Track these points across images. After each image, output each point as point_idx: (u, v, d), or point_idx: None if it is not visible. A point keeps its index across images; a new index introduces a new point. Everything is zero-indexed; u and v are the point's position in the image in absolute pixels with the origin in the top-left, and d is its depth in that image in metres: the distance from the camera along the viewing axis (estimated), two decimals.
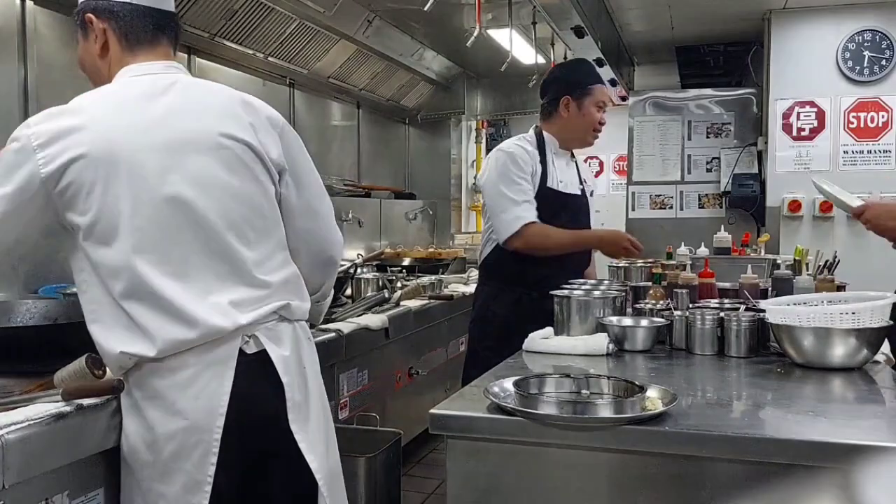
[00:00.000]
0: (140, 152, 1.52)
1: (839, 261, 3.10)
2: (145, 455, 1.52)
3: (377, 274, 4.17)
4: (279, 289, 1.62)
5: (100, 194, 1.49)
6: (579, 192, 2.95)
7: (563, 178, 2.90)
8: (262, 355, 1.57)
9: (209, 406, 1.50)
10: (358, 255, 4.83)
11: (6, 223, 1.49)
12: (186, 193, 1.53)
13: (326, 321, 2.70)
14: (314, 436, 1.63)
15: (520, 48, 5.07)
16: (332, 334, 2.66)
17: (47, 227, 1.55)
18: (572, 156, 3.03)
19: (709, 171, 5.69)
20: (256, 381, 1.56)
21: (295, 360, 1.62)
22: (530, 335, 2.24)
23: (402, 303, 3.40)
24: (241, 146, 1.60)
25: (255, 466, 1.58)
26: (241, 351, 1.55)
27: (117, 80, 1.64)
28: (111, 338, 1.51)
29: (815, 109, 5.04)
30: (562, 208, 2.84)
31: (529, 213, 2.74)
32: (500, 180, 2.77)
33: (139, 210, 1.50)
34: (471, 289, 3.56)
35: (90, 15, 1.65)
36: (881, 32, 4.92)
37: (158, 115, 1.56)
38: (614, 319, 2.28)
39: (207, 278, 1.53)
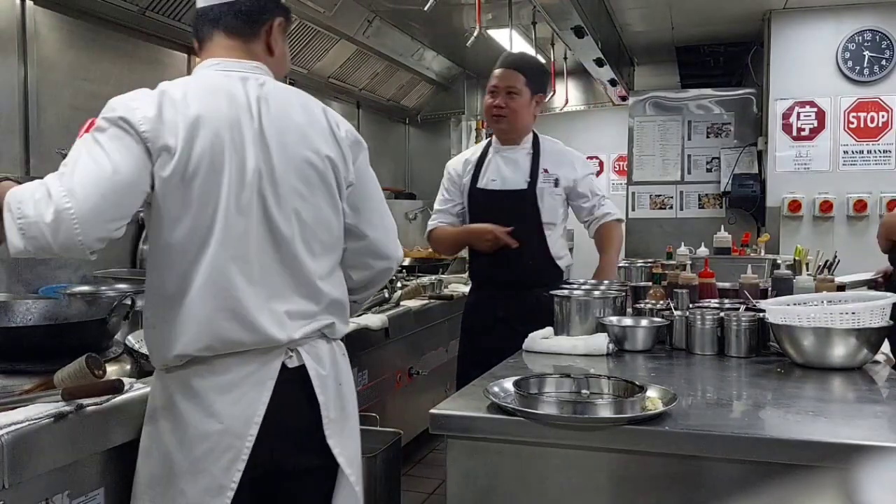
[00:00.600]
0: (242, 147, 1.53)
1: (839, 261, 3.10)
2: (174, 451, 1.52)
3: None
4: (329, 306, 1.63)
5: (203, 179, 1.48)
6: (524, 187, 2.84)
7: (502, 175, 2.88)
8: (302, 371, 1.59)
9: (246, 413, 1.52)
10: None
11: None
12: (272, 197, 1.54)
13: None
14: (352, 451, 1.67)
15: (520, 48, 5.07)
16: None
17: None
18: (535, 149, 2.92)
19: (709, 171, 5.69)
20: (294, 395, 1.58)
21: (332, 377, 1.64)
22: (530, 335, 2.24)
23: (402, 303, 3.40)
24: (324, 162, 1.62)
25: (286, 477, 1.60)
26: (283, 364, 1.56)
27: (194, 71, 1.66)
28: (169, 339, 1.51)
29: (815, 109, 5.04)
30: (493, 205, 2.85)
31: (436, 221, 2.98)
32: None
33: (230, 201, 1.50)
34: None
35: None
36: (881, 32, 4.92)
37: (256, 111, 1.56)
38: (614, 319, 2.28)
39: (272, 284, 1.55)
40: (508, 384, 1.63)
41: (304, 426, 1.59)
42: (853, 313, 1.93)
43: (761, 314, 2.15)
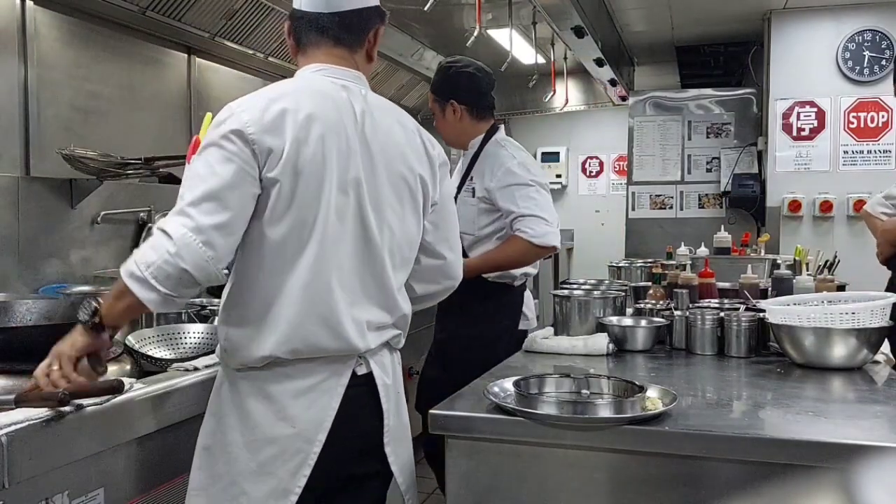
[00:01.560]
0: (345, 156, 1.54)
1: (839, 261, 3.10)
2: (240, 452, 1.52)
3: None
4: (400, 318, 1.66)
5: (308, 180, 1.49)
6: (455, 194, 2.74)
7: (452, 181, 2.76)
8: (369, 379, 1.60)
9: (317, 418, 1.53)
10: None
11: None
12: (368, 207, 1.56)
13: None
14: (404, 459, 1.68)
15: (520, 48, 5.07)
16: None
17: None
18: (475, 155, 2.80)
19: (709, 171, 5.70)
20: (361, 402, 1.59)
21: (394, 386, 1.67)
22: (530, 335, 2.24)
23: None
24: (416, 180, 1.65)
25: (345, 484, 1.61)
26: (353, 371, 1.58)
27: (297, 74, 1.67)
28: (256, 339, 1.50)
29: (815, 109, 5.04)
30: None
31: None
32: None
33: (330, 207, 1.51)
34: None
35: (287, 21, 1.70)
36: (881, 32, 4.92)
37: (360, 120, 1.58)
38: (614, 319, 2.28)
39: (358, 292, 1.56)
40: (508, 384, 1.63)
41: (367, 433, 1.61)
42: (853, 313, 1.93)
43: (761, 314, 2.15)
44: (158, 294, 1.39)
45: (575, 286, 2.82)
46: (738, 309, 2.26)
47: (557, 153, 7.75)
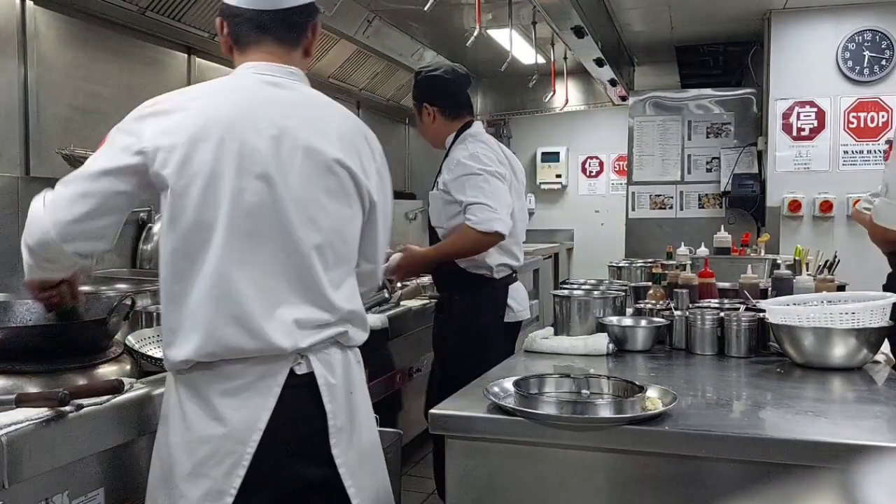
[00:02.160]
0: (255, 150, 1.52)
1: (839, 261, 3.10)
2: (179, 453, 1.52)
3: None
4: (344, 316, 1.61)
5: (206, 178, 1.49)
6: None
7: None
8: (311, 378, 1.56)
9: (249, 419, 1.50)
10: None
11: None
12: (287, 203, 1.52)
13: None
14: (356, 462, 1.62)
15: (520, 48, 5.07)
16: None
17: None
18: (448, 152, 2.89)
19: (709, 171, 5.69)
20: (301, 402, 1.55)
21: (343, 386, 1.61)
22: (530, 335, 2.24)
23: (402, 303, 3.40)
24: (347, 175, 1.60)
25: (288, 487, 1.57)
26: (291, 371, 1.54)
27: (233, 73, 1.66)
28: (177, 338, 1.51)
29: (815, 109, 5.04)
30: None
31: None
32: None
33: (238, 205, 1.49)
34: None
35: (219, 17, 1.68)
36: (881, 32, 4.92)
37: (281, 115, 1.56)
38: (614, 319, 2.28)
39: (282, 290, 1.53)
40: (508, 384, 1.63)
41: (310, 434, 1.56)
42: (853, 313, 1.93)
43: (761, 314, 2.15)
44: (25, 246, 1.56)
45: (575, 286, 2.82)
46: (738, 309, 2.26)
47: (557, 153, 7.75)
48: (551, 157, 7.76)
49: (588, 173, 7.84)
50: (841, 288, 2.74)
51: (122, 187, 1.51)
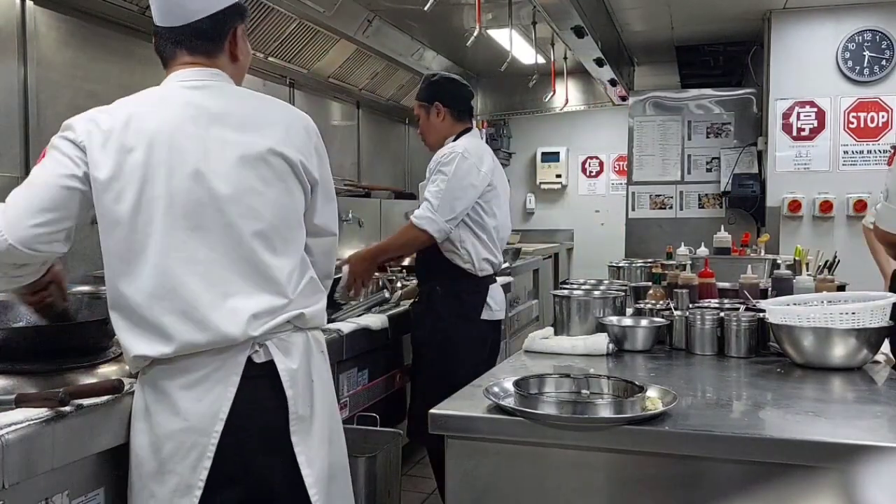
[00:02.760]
0: (184, 148, 1.55)
1: (839, 261, 3.10)
2: (146, 453, 1.53)
3: (377, 274, 4.15)
4: (297, 298, 1.62)
5: (138, 183, 1.51)
6: None
7: None
8: (270, 366, 1.57)
9: (210, 410, 1.51)
10: None
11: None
12: (222, 196, 1.54)
13: (328, 321, 2.69)
14: (315, 450, 1.62)
15: (520, 48, 5.07)
16: (333, 334, 2.66)
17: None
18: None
19: (709, 171, 5.69)
20: (261, 391, 1.56)
21: (303, 372, 1.62)
22: (530, 335, 2.24)
23: (402, 303, 3.40)
24: (281, 161, 1.61)
25: (255, 477, 1.58)
26: (249, 359, 1.55)
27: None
28: (130, 338, 1.53)
29: (815, 109, 5.04)
30: None
31: None
32: None
33: (173, 205, 1.51)
34: None
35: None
36: (881, 32, 4.92)
37: (206, 114, 1.58)
38: (614, 319, 2.28)
39: (230, 281, 1.54)
40: (508, 384, 1.63)
41: (272, 423, 1.57)
42: (853, 313, 1.93)
43: (761, 314, 2.15)
44: None
45: (575, 286, 2.82)
46: (738, 309, 2.26)
47: (557, 153, 7.74)
48: (551, 157, 7.76)
49: (588, 173, 7.84)
50: (841, 288, 2.74)
51: (68, 192, 1.53)
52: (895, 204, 2.36)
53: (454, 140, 3.01)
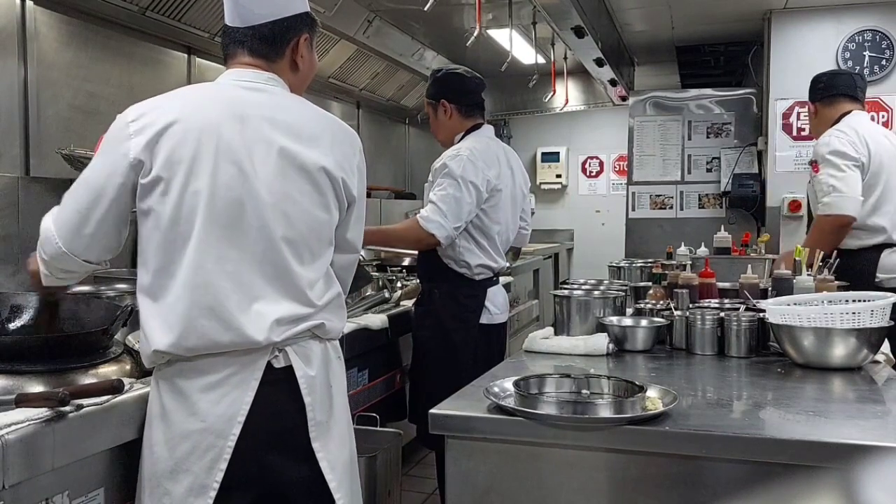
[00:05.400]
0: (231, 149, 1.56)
1: (839, 261, 3.10)
2: (161, 450, 1.54)
3: (377, 274, 4.16)
4: (321, 310, 1.63)
5: (184, 176, 1.52)
6: None
7: None
8: (288, 371, 1.58)
9: (228, 412, 1.52)
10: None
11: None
12: (260, 198, 1.55)
13: None
14: (336, 455, 1.64)
15: (520, 48, 5.07)
16: None
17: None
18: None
19: (709, 171, 5.69)
20: (279, 395, 1.57)
21: (321, 379, 1.63)
22: (530, 335, 2.24)
23: (402, 303, 3.40)
24: (324, 175, 1.63)
25: (270, 481, 1.58)
26: (269, 364, 1.56)
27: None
28: (155, 326, 1.53)
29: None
30: None
31: None
32: None
33: (214, 199, 1.52)
34: None
35: None
36: (881, 32, 4.91)
37: (255, 116, 1.59)
38: (614, 319, 2.28)
39: (257, 284, 1.55)
40: (508, 384, 1.63)
41: (289, 427, 1.58)
42: (853, 313, 1.93)
43: (761, 314, 2.15)
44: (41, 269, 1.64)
45: (575, 286, 2.82)
46: (738, 309, 2.26)
47: (557, 153, 7.75)
48: (551, 157, 7.76)
49: (588, 173, 7.84)
50: (841, 288, 2.73)
51: (119, 193, 1.54)
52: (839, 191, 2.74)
53: (463, 136, 2.97)
